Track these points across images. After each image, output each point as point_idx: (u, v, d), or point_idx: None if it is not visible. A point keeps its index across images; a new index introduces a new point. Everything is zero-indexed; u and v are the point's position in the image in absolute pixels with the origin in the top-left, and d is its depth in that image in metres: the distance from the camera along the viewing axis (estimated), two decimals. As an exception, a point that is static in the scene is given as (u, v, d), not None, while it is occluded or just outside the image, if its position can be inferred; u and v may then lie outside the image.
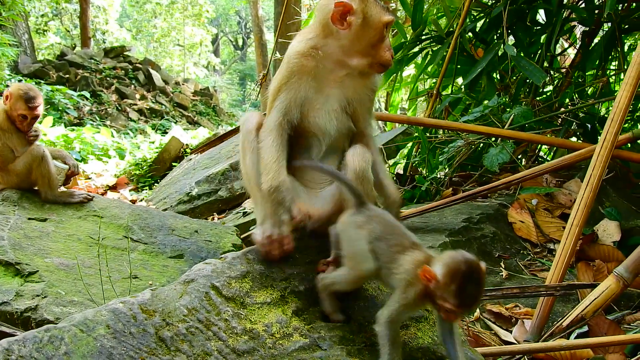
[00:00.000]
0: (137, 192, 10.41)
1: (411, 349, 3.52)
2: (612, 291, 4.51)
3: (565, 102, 8.09)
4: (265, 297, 3.49)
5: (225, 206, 8.25)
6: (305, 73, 3.75)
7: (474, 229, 6.17)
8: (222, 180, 8.33)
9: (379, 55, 3.74)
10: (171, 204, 8.16)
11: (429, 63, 8.56)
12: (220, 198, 8.24)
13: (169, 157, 11.56)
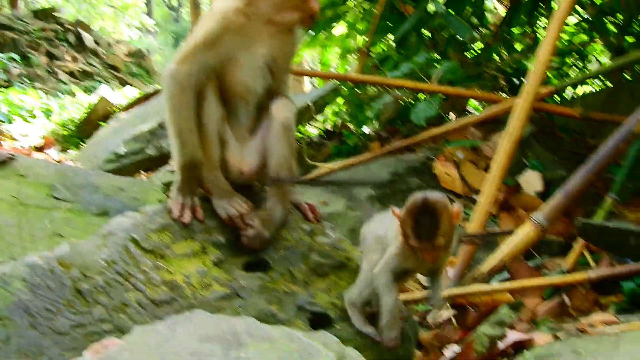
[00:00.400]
0: (64, 153, 10.27)
1: (330, 295, 3.57)
2: (530, 237, 4.60)
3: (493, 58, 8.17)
4: (185, 249, 3.49)
5: (153, 165, 8.19)
6: (232, 30, 3.69)
7: (400, 181, 6.24)
8: (150, 139, 8.27)
9: (309, 7, 3.72)
10: (98, 164, 8.08)
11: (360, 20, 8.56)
12: (148, 157, 8.19)
13: (97, 117, 11.41)
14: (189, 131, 3.58)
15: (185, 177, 3.63)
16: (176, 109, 3.58)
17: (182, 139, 3.59)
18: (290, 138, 3.74)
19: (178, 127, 3.59)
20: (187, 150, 3.59)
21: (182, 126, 3.58)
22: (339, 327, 3.47)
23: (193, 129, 3.59)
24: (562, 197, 4.66)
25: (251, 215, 3.62)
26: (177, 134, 3.60)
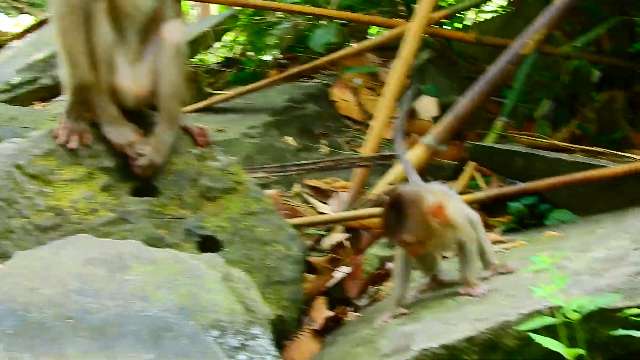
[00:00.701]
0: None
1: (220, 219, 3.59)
2: (420, 159, 4.68)
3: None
4: (71, 174, 3.45)
5: (48, 94, 7.99)
6: None
7: (297, 108, 6.24)
8: (45, 68, 8.05)
9: None
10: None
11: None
12: (43, 86, 7.97)
13: (-11, 46, 11.00)
14: (79, 53, 3.50)
15: (75, 101, 3.55)
16: (65, 29, 3.49)
17: (72, 61, 3.50)
18: (181, 62, 3.70)
19: (68, 49, 3.50)
20: (77, 72, 3.51)
21: (72, 48, 3.49)
22: (228, 250, 3.50)
23: (83, 50, 3.50)
24: (450, 119, 4.75)
25: (142, 143, 3.58)
26: (67, 55, 3.51)
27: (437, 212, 3.07)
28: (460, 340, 2.70)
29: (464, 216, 3.22)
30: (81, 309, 2.66)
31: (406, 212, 3.06)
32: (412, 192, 3.17)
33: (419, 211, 3.06)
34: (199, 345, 2.67)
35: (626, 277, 2.75)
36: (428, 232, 3.09)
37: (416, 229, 3.06)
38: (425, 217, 3.06)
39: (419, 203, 3.07)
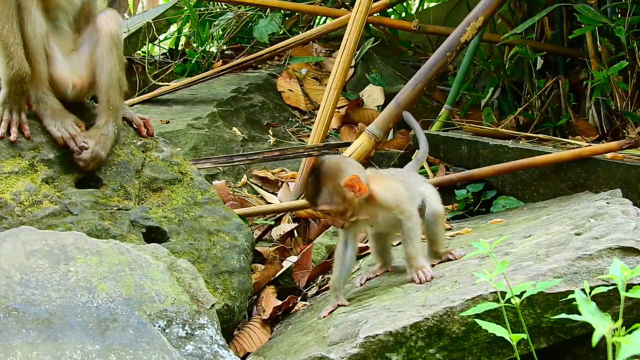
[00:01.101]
0: None
1: (165, 210, 3.57)
2: (364, 148, 4.70)
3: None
4: (13, 167, 3.39)
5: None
6: None
7: (242, 98, 6.23)
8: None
9: None
10: None
11: None
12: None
13: None
14: (14, 43, 3.43)
15: (12, 92, 3.47)
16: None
17: (8, 52, 3.43)
18: (119, 51, 3.66)
19: (2, 40, 3.43)
20: (13, 62, 3.43)
21: (7, 38, 3.42)
22: (174, 240, 3.48)
23: (18, 41, 3.44)
24: (393, 107, 4.78)
25: (85, 136, 3.54)
26: (1, 47, 3.45)
27: (352, 185, 3.11)
28: (406, 327, 2.72)
29: (403, 198, 3.25)
30: (25, 301, 2.63)
31: (322, 181, 3.13)
32: (332, 163, 3.19)
33: (334, 182, 3.12)
34: (146, 336, 2.67)
35: (568, 262, 2.79)
36: (346, 204, 3.14)
37: (331, 199, 3.12)
38: (340, 189, 3.12)
39: (335, 174, 3.13)
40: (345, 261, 3.32)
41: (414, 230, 3.22)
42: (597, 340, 1.63)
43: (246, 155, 4.92)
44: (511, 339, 2.33)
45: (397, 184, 3.31)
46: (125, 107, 3.82)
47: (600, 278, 2.70)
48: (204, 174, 4.51)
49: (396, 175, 3.43)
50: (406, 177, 3.46)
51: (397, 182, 3.33)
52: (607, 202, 3.59)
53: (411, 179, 3.48)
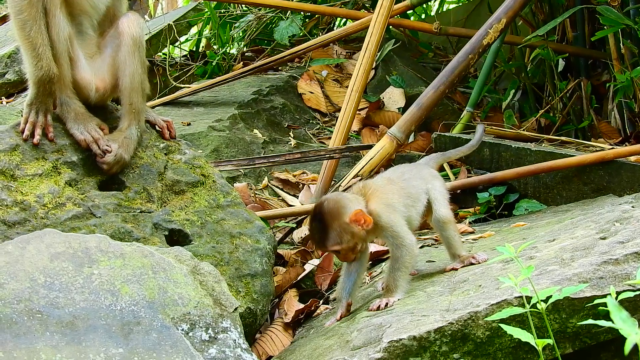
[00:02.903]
0: None
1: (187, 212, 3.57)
2: (386, 151, 4.68)
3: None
4: (36, 169, 3.40)
5: (14, 89, 7.91)
6: None
7: (263, 100, 6.23)
8: (10, 63, 7.96)
9: None
10: (-46, 89, 7.74)
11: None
12: (8, 81, 7.89)
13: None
14: (42, 44, 3.44)
15: (40, 93, 3.48)
16: (26, 22, 3.44)
17: (36, 53, 3.44)
18: (141, 54, 3.68)
19: (30, 41, 3.44)
20: (42, 63, 3.44)
21: (35, 40, 3.44)
22: (196, 243, 3.47)
23: (46, 42, 3.46)
24: (415, 110, 4.76)
25: (108, 139, 3.55)
26: (30, 48, 3.45)
27: (357, 220, 3.14)
28: (430, 331, 2.70)
29: (397, 222, 3.23)
30: (49, 304, 2.63)
31: (328, 223, 3.14)
32: (332, 202, 3.20)
33: (339, 221, 3.14)
34: (169, 339, 2.66)
35: (594, 266, 2.77)
36: (355, 239, 3.17)
37: (341, 239, 3.15)
38: (347, 226, 3.14)
39: (338, 213, 3.14)
40: (349, 272, 3.34)
41: (401, 260, 3.20)
42: (630, 348, 1.62)
43: (267, 157, 4.92)
44: (537, 344, 2.32)
45: (395, 200, 3.29)
46: (147, 110, 3.82)
47: (626, 283, 2.67)
48: (225, 176, 4.51)
49: (396, 180, 3.40)
50: (410, 179, 3.42)
51: (395, 196, 3.31)
52: (632, 206, 3.56)
53: (416, 180, 3.43)
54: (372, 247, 3.91)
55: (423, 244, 4.10)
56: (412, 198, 3.34)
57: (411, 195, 3.34)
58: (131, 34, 3.65)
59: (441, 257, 3.66)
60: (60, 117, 3.56)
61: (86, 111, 3.59)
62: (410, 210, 3.31)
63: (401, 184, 3.36)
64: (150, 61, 6.82)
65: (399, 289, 3.17)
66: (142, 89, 3.69)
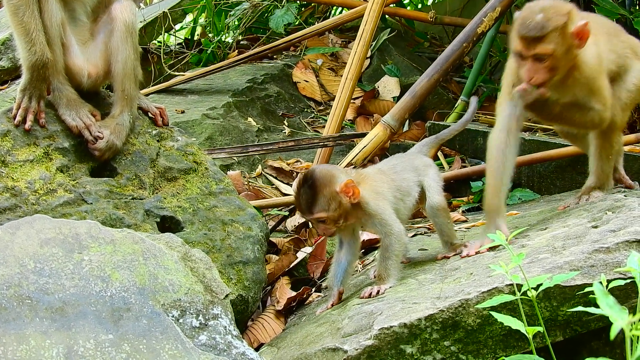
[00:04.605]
0: None
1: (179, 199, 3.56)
2: (380, 139, 4.67)
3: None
4: (27, 155, 3.40)
5: (8, 77, 7.89)
6: None
7: (258, 89, 6.21)
8: (3, 50, 7.94)
9: None
10: (-54, 76, 7.71)
11: None
12: (1, 68, 7.86)
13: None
14: (35, 29, 3.43)
15: (33, 78, 3.47)
16: (19, 7, 3.42)
17: (29, 38, 3.42)
18: (134, 40, 3.67)
19: (23, 26, 3.43)
20: (35, 48, 3.43)
21: (28, 25, 3.42)
22: (188, 230, 3.47)
23: (39, 27, 3.44)
24: (408, 98, 4.74)
25: (100, 126, 3.54)
26: (23, 33, 3.43)
27: (347, 190, 3.16)
28: (421, 319, 2.71)
29: (385, 209, 3.25)
30: (39, 289, 2.63)
31: (317, 189, 3.16)
32: (324, 171, 3.24)
33: (330, 189, 3.17)
34: (159, 326, 2.66)
35: (585, 254, 2.77)
36: (339, 208, 3.18)
37: (328, 206, 3.16)
38: (336, 195, 3.17)
39: (329, 181, 3.17)
40: (340, 260, 3.35)
41: (390, 249, 3.21)
42: (615, 334, 1.61)
43: (261, 145, 4.92)
44: (527, 332, 2.32)
45: (384, 189, 3.31)
46: (140, 97, 3.81)
47: (617, 271, 2.68)
48: (219, 164, 4.50)
49: (387, 172, 3.41)
50: (401, 171, 3.43)
51: (385, 185, 3.32)
52: (624, 195, 3.55)
53: (407, 173, 3.43)
54: (365, 236, 3.90)
55: (416, 232, 4.10)
56: (402, 191, 3.35)
57: (401, 189, 3.35)
58: (124, 19, 3.64)
59: (434, 245, 3.66)
60: (52, 103, 3.55)
61: (78, 97, 3.58)
62: (399, 203, 3.33)
63: (392, 176, 3.38)
64: (145, 49, 6.79)
65: (390, 277, 3.17)
66: (135, 76, 3.68)
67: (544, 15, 3.16)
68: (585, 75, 3.30)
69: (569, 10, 3.21)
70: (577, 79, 3.30)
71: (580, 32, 3.18)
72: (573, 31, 3.18)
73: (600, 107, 3.35)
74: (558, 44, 3.16)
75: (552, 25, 3.15)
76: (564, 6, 3.25)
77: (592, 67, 3.31)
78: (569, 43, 3.18)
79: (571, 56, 3.23)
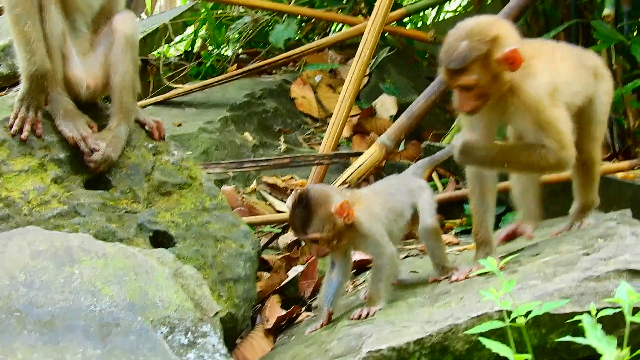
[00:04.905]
0: None
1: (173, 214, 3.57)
2: (375, 158, 4.68)
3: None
4: (22, 165, 3.40)
5: (6, 83, 7.89)
6: None
7: (255, 104, 6.22)
8: (2, 57, 7.95)
9: None
10: (-55, 82, 7.71)
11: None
12: (0, 75, 7.87)
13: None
14: (36, 39, 3.44)
15: (32, 88, 3.47)
16: (21, 16, 3.43)
17: (30, 47, 3.43)
18: (134, 53, 3.68)
19: (24, 36, 3.43)
20: (35, 58, 3.43)
21: (29, 34, 3.43)
22: (180, 246, 3.47)
23: (40, 37, 3.45)
24: (405, 118, 4.76)
25: (96, 138, 3.54)
26: (24, 42, 3.44)
27: (342, 211, 3.16)
28: (409, 342, 2.70)
29: (378, 231, 3.25)
30: (29, 302, 2.63)
31: (312, 210, 3.16)
32: (319, 191, 3.25)
33: (324, 209, 3.16)
34: (148, 342, 2.66)
35: (575, 282, 2.76)
36: (333, 230, 3.18)
37: (323, 227, 3.16)
38: (331, 216, 3.16)
39: (324, 201, 3.17)
40: (331, 280, 3.35)
41: (382, 270, 3.22)
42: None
43: (256, 161, 4.93)
44: (515, 359, 2.31)
45: (378, 210, 3.31)
46: (138, 109, 3.82)
47: (606, 301, 2.67)
48: (214, 178, 4.50)
49: (382, 193, 3.42)
50: (395, 193, 3.44)
51: (378, 207, 3.33)
52: (616, 223, 3.55)
53: (401, 195, 3.43)
54: (357, 256, 3.90)
55: (408, 254, 4.10)
56: (395, 213, 3.36)
57: (394, 209, 3.36)
58: (125, 32, 3.65)
59: (425, 267, 3.65)
60: (50, 114, 3.55)
61: (76, 108, 3.58)
62: (392, 225, 3.33)
63: (386, 197, 3.38)
64: (145, 60, 6.80)
65: (380, 299, 3.17)
66: (133, 88, 3.69)
67: (467, 44, 3.02)
68: (525, 103, 3.09)
69: (494, 36, 3.05)
70: (517, 107, 3.11)
71: (509, 58, 3.02)
72: (499, 58, 3.02)
73: (554, 145, 3.10)
74: (481, 73, 3.02)
75: (473, 56, 3.01)
76: (491, 29, 3.09)
77: (536, 96, 3.09)
78: (494, 71, 3.04)
79: (502, 82, 3.06)
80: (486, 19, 3.19)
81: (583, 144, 3.40)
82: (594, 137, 3.44)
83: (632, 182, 4.41)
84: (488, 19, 3.19)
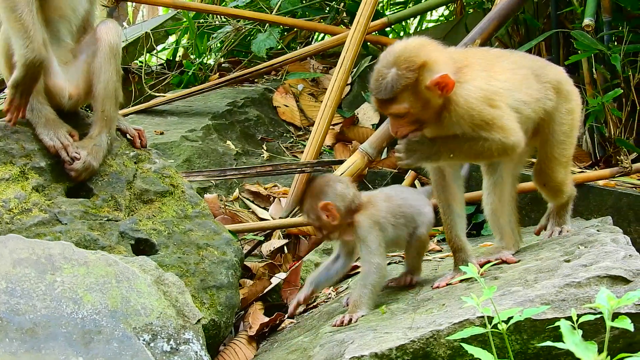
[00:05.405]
0: None
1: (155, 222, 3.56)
2: (357, 166, 4.70)
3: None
4: (3, 174, 3.39)
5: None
6: None
7: (238, 112, 6.22)
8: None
9: None
10: None
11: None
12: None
13: None
14: (34, 27, 3.40)
15: (28, 75, 3.41)
16: (17, 4, 3.38)
17: (27, 35, 3.38)
18: (117, 62, 3.68)
19: (21, 23, 3.37)
20: (33, 45, 3.39)
21: (27, 22, 3.39)
22: (162, 254, 3.46)
23: (37, 25, 3.42)
24: (387, 127, 4.75)
25: (78, 146, 3.53)
26: (21, 29, 3.37)
27: (325, 210, 3.30)
28: (392, 348, 2.71)
29: (374, 238, 3.30)
30: (10, 310, 2.62)
31: (306, 196, 3.37)
32: (320, 182, 3.39)
33: (312, 201, 3.33)
34: (130, 349, 2.66)
35: (556, 288, 2.78)
36: (320, 223, 3.34)
37: (308, 215, 3.36)
38: (316, 209, 3.31)
39: (316, 194, 3.33)
40: (331, 267, 3.49)
41: (369, 277, 3.26)
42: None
43: (239, 169, 4.93)
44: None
45: (383, 216, 3.36)
46: (119, 118, 3.82)
47: (587, 307, 2.69)
48: (196, 187, 4.50)
49: (394, 198, 3.47)
50: (408, 198, 3.51)
51: (385, 211, 3.38)
52: (597, 230, 3.58)
53: (410, 208, 3.48)
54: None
55: (390, 260, 4.11)
56: (407, 218, 3.41)
57: (405, 215, 3.41)
58: (109, 41, 3.65)
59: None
60: (31, 122, 3.54)
61: (57, 117, 3.58)
62: (401, 230, 3.40)
63: (398, 202, 3.44)
64: (126, 69, 6.80)
65: (363, 305, 3.19)
66: (116, 97, 3.68)
67: (395, 72, 2.97)
68: (458, 113, 3.05)
69: (421, 63, 2.99)
70: (451, 118, 3.07)
71: (439, 84, 2.97)
72: (429, 85, 2.97)
73: (497, 136, 3.07)
74: (412, 101, 3.00)
75: (401, 85, 2.96)
76: (419, 55, 3.02)
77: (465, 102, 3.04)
78: (424, 97, 3.00)
79: (433, 106, 3.04)
80: (414, 43, 3.11)
81: (541, 164, 3.48)
82: (553, 157, 3.45)
83: (613, 190, 4.44)
84: (416, 44, 3.11)
